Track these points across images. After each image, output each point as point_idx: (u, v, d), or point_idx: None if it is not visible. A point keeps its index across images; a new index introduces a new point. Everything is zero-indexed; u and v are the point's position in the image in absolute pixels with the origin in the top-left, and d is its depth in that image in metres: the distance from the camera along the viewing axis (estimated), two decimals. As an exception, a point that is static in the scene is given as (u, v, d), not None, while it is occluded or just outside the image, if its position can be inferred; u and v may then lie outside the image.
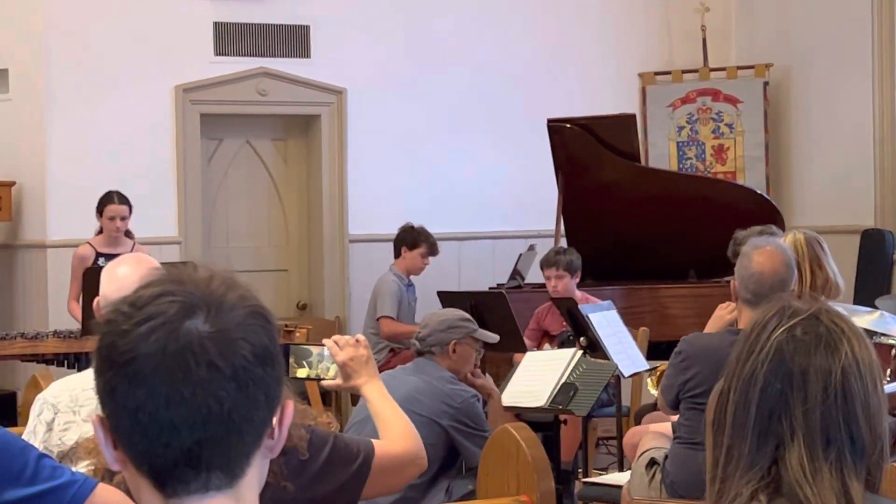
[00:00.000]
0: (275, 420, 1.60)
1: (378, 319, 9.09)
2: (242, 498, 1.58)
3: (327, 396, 8.17)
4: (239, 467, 1.57)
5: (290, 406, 1.62)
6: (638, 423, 6.98)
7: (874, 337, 7.35)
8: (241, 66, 9.88)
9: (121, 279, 3.52)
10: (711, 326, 5.39)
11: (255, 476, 1.60)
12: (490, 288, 9.40)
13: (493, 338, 5.93)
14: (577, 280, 8.32)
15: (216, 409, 1.52)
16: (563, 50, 10.85)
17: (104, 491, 2.86)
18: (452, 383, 5.51)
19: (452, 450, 5.44)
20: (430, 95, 10.43)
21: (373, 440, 3.34)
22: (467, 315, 5.87)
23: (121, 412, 1.53)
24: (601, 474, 7.18)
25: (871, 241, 10.42)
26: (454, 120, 10.52)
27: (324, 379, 3.74)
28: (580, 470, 7.50)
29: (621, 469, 6.67)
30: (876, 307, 7.83)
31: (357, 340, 3.64)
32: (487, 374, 7.82)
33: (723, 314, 5.34)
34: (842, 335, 1.94)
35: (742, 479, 1.91)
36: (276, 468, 2.94)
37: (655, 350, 7.73)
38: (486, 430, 5.39)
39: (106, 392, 1.54)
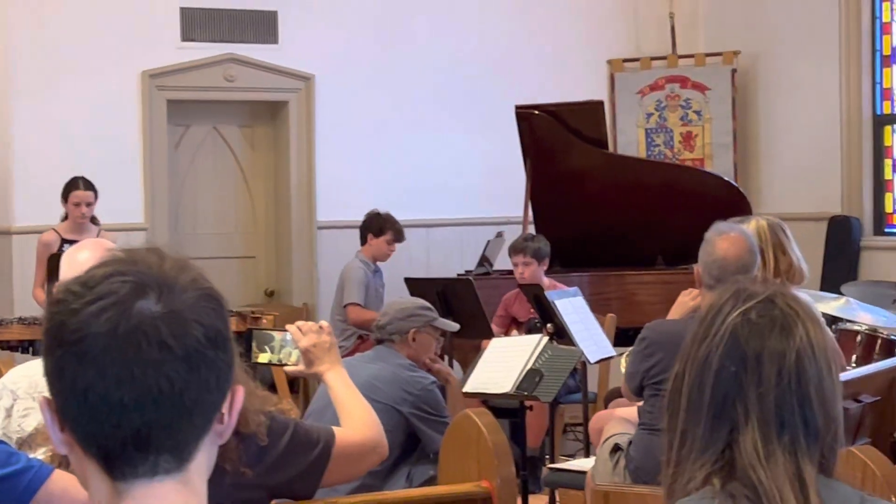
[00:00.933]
0: (225, 405, 1.59)
1: (345, 307, 9.07)
2: (191, 482, 1.56)
3: (294, 383, 8.15)
4: (188, 451, 1.55)
5: (240, 391, 1.61)
6: (606, 407, 6.99)
7: (840, 323, 7.39)
8: (209, 52, 9.84)
9: (81, 264, 3.48)
10: (675, 313, 5.39)
11: (203, 461, 1.59)
12: (458, 275, 9.40)
13: (453, 326, 5.95)
14: (545, 267, 8.33)
15: (167, 390, 1.51)
16: (532, 36, 10.84)
17: (60, 476, 2.85)
18: (412, 370, 5.51)
19: (412, 436, 5.44)
20: (398, 82, 10.41)
21: (334, 427, 3.33)
22: (427, 304, 5.88)
23: (69, 392, 1.51)
24: (568, 460, 7.19)
25: (838, 228, 10.46)
26: (422, 107, 10.50)
27: (286, 364, 3.73)
28: (547, 456, 7.51)
29: (587, 455, 6.67)
30: (842, 294, 7.86)
31: (321, 327, 3.63)
32: (448, 362, 7.84)
33: (686, 300, 5.34)
34: (797, 318, 1.94)
35: (696, 463, 1.91)
36: (234, 455, 2.93)
37: (623, 336, 7.74)
38: (445, 417, 5.40)
39: (54, 372, 1.52)
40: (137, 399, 1.50)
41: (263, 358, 3.77)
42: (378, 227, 9.26)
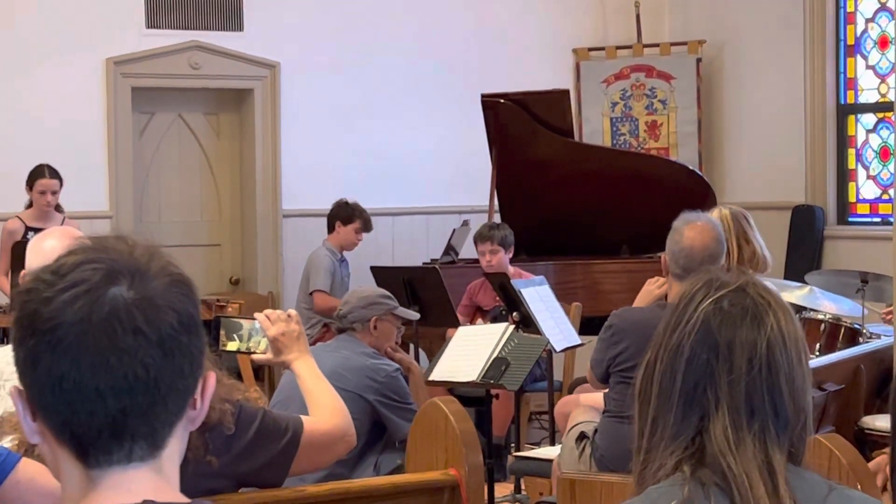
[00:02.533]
0: (197, 391, 1.59)
1: (311, 294, 9.07)
2: (163, 469, 1.57)
3: (260, 371, 8.14)
4: (161, 438, 1.56)
5: (212, 377, 1.61)
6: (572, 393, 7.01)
7: (804, 312, 7.44)
8: (173, 40, 9.79)
9: (47, 252, 3.48)
10: (640, 301, 5.41)
11: (176, 448, 1.59)
12: (424, 263, 9.40)
13: (413, 315, 5.97)
14: (511, 255, 8.35)
15: (142, 376, 1.51)
16: (498, 25, 10.84)
17: (28, 465, 2.83)
18: (375, 358, 5.53)
19: (377, 424, 5.46)
20: (364, 70, 10.39)
21: (302, 416, 3.33)
22: (388, 293, 5.90)
23: (43, 381, 1.51)
24: (534, 448, 7.21)
25: (802, 217, 10.52)
26: (388, 95, 10.49)
27: (254, 353, 3.73)
28: (513, 444, 7.53)
29: (553, 443, 6.69)
30: (806, 282, 7.91)
31: (289, 315, 3.63)
32: (414, 351, 7.85)
33: (651, 289, 5.36)
34: (768, 308, 1.95)
35: (667, 450, 1.91)
36: (198, 443, 2.92)
37: (588, 325, 7.75)
38: (410, 404, 5.42)
39: (27, 361, 1.52)
40: (113, 386, 1.50)
41: (232, 346, 3.77)
42: (346, 215, 9.25)
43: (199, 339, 1.58)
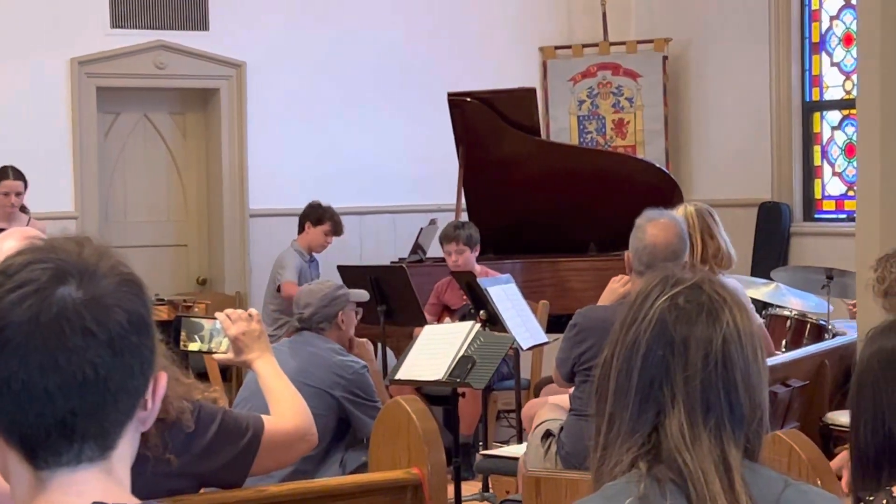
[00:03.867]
0: (148, 391, 1.58)
1: (278, 288, 9.04)
2: (113, 470, 1.55)
3: (227, 371, 8.12)
4: (111, 438, 1.54)
5: (163, 378, 1.60)
6: (538, 395, 7.02)
7: (770, 308, 7.46)
8: (139, 39, 9.75)
9: (5, 253, 3.45)
10: (605, 299, 5.41)
11: (126, 449, 1.58)
12: (391, 262, 9.39)
13: (364, 295, 5.96)
14: (477, 253, 8.34)
15: (91, 377, 1.50)
16: (464, 23, 10.84)
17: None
18: (342, 354, 5.54)
19: (343, 421, 5.46)
20: (330, 69, 10.37)
21: (263, 416, 3.32)
22: (337, 282, 5.91)
23: (-10, 382, 1.49)
24: (502, 447, 7.20)
25: (768, 214, 10.55)
26: (355, 94, 10.47)
27: (216, 353, 3.72)
28: (481, 443, 7.53)
29: (520, 441, 6.69)
30: (772, 279, 7.94)
31: (250, 315, 3.62)
32: (381, 350, 7.84)
33: (616, 287, 5.37)
34: (724, 304, 1.95)
35: (623, 447, 1.91)
36: (157, 441, 2.91)
37: (556, 323, 7.75)
38: (376, 401, 5.42)
39: None
40: (62, 386, 1.49)
41: (193, 346, 3.75)
42: (317, 216, 9.24)
43: (150, 339, 1.57)
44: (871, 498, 2.43)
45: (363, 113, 10.48)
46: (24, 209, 8.52)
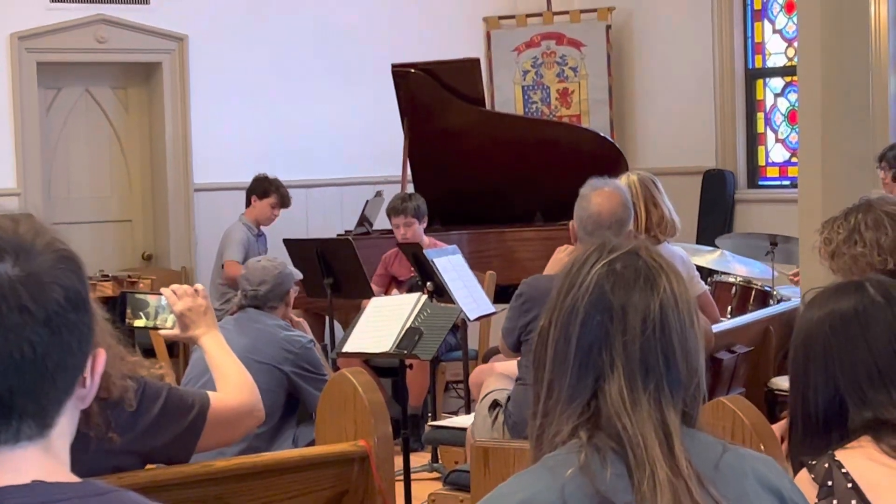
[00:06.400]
0: (87, 369, 1.57)
1: (223, 265, 9.02)
2: (52, 448, 1.55)
3: (174, 347, 8.08)
4: (50, 416, 1.54)
5: (101, 355, 1.59)
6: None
7: (715, 275, 7.51)
8: (79, 13, 9.67)
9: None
10: (550, 269, 5.42)
11: (66, 426, 1.57)
12: (337, 235, 9.37)
13: (298, 274, 5.97)
14: (425, 225, 8.33)
15: (29, 355, 1.49)
16: (408, -6, 10.81)
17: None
18: (289, 329, 5.54)
19: (292, 396, 5.47)
20: (273, 41, 10.32)
21: (209, 392, 3.31)
22: (282, 260, 5.88)
23: (-73, 362, 1.48)
24: (451, 417, 7.22)
25: (713, 182, 10.61)
26: (299, 66, 10.43)
27: (161, 329, 3.70)
28: (430, 414, 7.54)
29: (469, 412, 6.71)
30: (717, 246, 7.99)
31: (196, 290, 3.60)
32: (329, 322, 7.83)
33: (561, 257, 5.37)
34: (660, 271, 1.96)
35: (563, 415, 1.92)
36: (100, 420, 2.89)
37: (504, 293, 7.77)
38: (325, 375, 5.43)
39: None
40: (-1, 365, 1.48)
41: (139, 323, 3.74)
42: (263, 189, 9.21)
43: (88, 316, 1.56)
44: (814, 462, 2.45)
45: (307, 85, 10.45)
46: (-34, 187, 8.45)
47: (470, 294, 6.81)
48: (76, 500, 1.51)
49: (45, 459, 1.54)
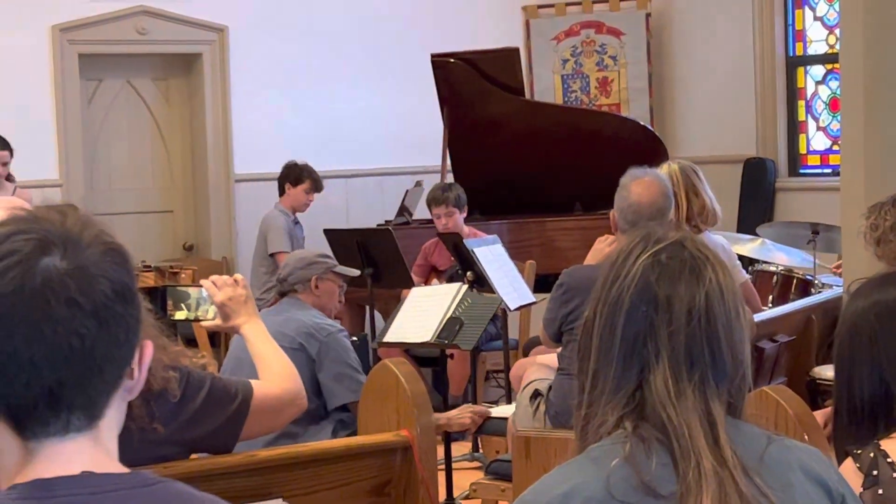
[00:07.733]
0: (134, 360, 1.58)
1: (272, 255, 9.03)
2: (101, 439, 1.56)
3: (215, 337, 8.11)
4: (98, 408, 1.55)
5: (149, 346, 1.61)
6: (526, 355, 7.03)
7: (756, 265, 7.47)
8: (120, 5, 9.72)
9: (-8, 223, 3.44)
10: (591, 259, 5.42)
11: (114, 418, 1.59)
12: (377, 225, 9.38)
13: (353, 272, 5.91)
14: (465, 215, 8.34)
15: (77, 347, 1.51)
16: (447, -16, 10.80)
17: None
18: (319, 318, 5.44)
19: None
20: (312, 31, 10.34)
21: (252, 381, 3.32)
22: (326, 252, 5.87)
23: (-23, 354, 1.50)
24: (491, 407, 7.22)
25: (754, 170, 10.56)
26: (338, 56, 10.45)
27: (203, 320, 3.72)
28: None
29: (509, 402, 6.72)
30: (758, 235, 7.95)
31: (235, 280, 3.61)
32: (369, 312, 7.83)
33: (602, 247, 5.37)
34: (706, 262, 1.96)
35: (608, 405, 1.92)
36: (142, 411, 2.90)
37: (543, 283, 7.77)
38: (352, 366, 5.27)
39: None
40: (48, 357, 1.50)
41: (181, 315, 3.77)
42: (295, 176, 9.23)
43: (135, 308, 1.58)
44: (860, 451, 2.45)
45: (347, 75, 10.46)
46: (10, 178, 8.50)
47: (510, 284, 6.81)
48: (125, 490, 1.53)
49: (94, 450, 1.55)
